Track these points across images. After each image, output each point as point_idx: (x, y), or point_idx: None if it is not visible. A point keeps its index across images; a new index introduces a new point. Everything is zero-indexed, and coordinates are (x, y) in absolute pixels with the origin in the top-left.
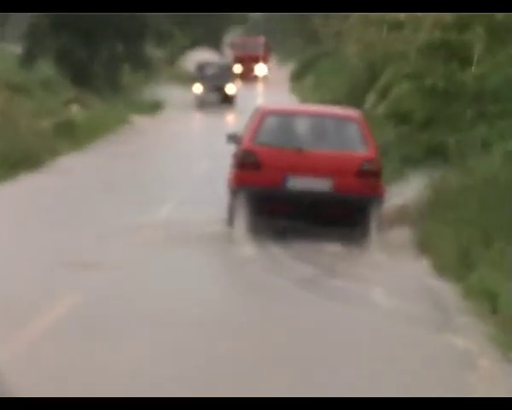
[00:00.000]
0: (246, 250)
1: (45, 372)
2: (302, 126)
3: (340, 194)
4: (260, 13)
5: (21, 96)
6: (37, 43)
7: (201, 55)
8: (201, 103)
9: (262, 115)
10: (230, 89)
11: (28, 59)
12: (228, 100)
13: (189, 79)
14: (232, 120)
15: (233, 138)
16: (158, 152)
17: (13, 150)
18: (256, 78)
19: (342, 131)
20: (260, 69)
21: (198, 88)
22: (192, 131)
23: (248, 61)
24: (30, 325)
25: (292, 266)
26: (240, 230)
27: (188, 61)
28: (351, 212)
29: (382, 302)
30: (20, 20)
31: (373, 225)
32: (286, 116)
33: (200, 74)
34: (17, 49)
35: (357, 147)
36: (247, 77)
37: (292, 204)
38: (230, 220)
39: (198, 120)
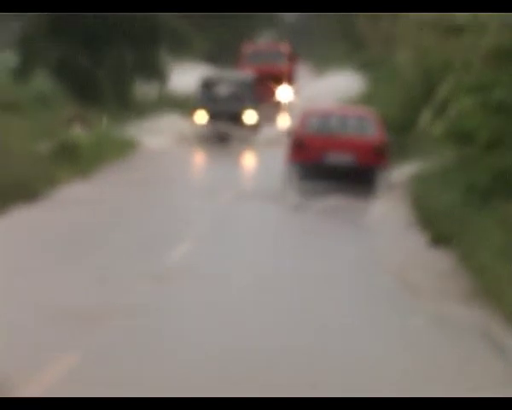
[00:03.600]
0: (296, 200)
1: None
2: (334, 118)
3: (359, 165)
4: (294, 14)
5: (14, 115)
6: (31, 52)
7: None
8: (205, 136)
9: (304, 115)
10: (250, 117)
11: (22, 71)
12: (247, 129)
13: (186, 103)
14: (247, 161)
15: (288, 133)
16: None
17: (3, 178)
18: (278, 105)
19: (361, 123)
20: (284, 92)
21: (202, 117)
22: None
23: (267, 79)
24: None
25: (320, 206)
26: (292, 190)
27: (180, 77)
28: (365, 176)
29: (372, 214)
30: (11, 24)
31: (379, 184)
32: (320, 115)
33: (207, 96)
34: (7, 58)
35: (370, 134)
36: (266, 102)
37: (328, 172)
38: (286, 186)
39: (198, 159)
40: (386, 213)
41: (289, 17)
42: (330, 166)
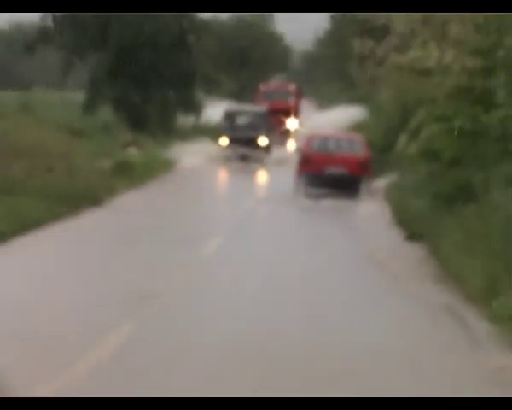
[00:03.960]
0: (303, 202)
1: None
2: (331, 141)
3: (350, 175)
4: (301, 61)
5: (83, 139)
6: (96, 92)
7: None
8: (228, 157)
9: (309, 138)
10: (263, 141)
11: (89, 105)
12: (261, 152)
13: (213, 132)
14: (262, 176)
15: (297, 150)
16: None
17: (76, 188)
18: (287, 132)
19: (351, 144)
20: (291, 122)
21: (225, 141)
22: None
23: (278, 113)
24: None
25: (321, 205)
26: (300, 194)
27: (211, 111)
28: (354, 183)
29: (361, 206)
30: (80, 70)
31: (364, 191)
32: (321, 138)
33: (229, 125)
34: (77, 96)
35: (358, 151)
36: (277, 130)
37: (326, 181)
38: (295, 191)
39: (224, 173)
40: (371, 211)
41: (296, 63)
42: (329, 176)
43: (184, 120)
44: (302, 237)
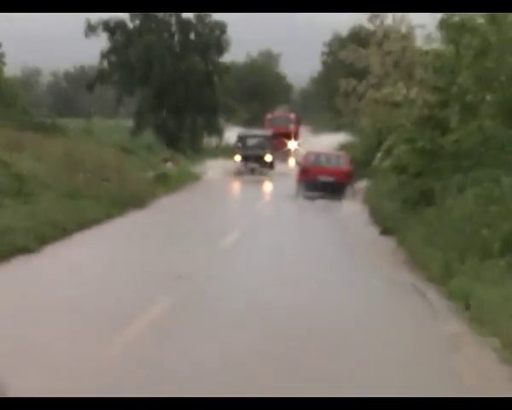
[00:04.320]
0: (301, 201)
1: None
2: (323, 157)
3: (336, 182)
4: (299, 95)
5: (132, 156)
6: (141, 119)
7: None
8: (240, 171)
9: (306, 154)
10: (269, 158)
11: (136, 130)
12: (267, 166)
13: (230, 151)
14: (268, 186)
15: (297, 164)
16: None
17: (125, 195)
18: (289, 151)
19: (338, 159)
20: (292, 144)
21: (238, 158)
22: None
23: (281, 136)
24: (141, 318)
25: (315, 202)
26: (300, 196)
27: (229, 134)
28: (340, 188)
29: (345, 207)
30: (129, 103)
31: (348, 193)
32: (315, 154)
33: (242, 145)
34: (127, 123)
35: (343, 164)
36: (281, 149)
37: (320, 187)
38: (296, 194)
39: (238, 184)
40: (353, 211)
41: (295, 97)
42: (321, 183)
43: (209, 142)
44: (300, 229)
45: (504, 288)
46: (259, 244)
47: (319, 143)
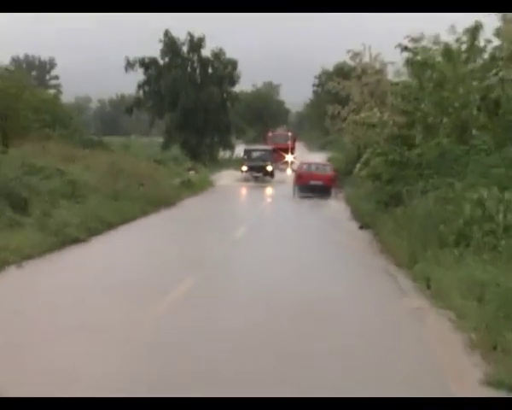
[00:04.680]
0: (296, 200)
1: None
2: (313, 166)
3: (325, 185)
4: (295, 117)
5: (161, 166)
6: (170, 137)
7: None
8: (247, 178)
9: (300, 164)
10: (270, 168)
11: (165, 145)
12: (268, 175)
13: (239, 162)
14: (269, 191)
15: (293, 170)
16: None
17: (157, 197)
18: (286, 163)
19: (324, 167)
20: (289, 157)
21: (244, 168)
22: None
23: (280, 150)
24: (171, 294)
25: (308, 201)
26: (296, 196)
27: (239, 149)
28: (327, 190)
29: (330, 203)
30: (159, 124)
31: (332, 194)
32: (307, 164)
33: (248, 157)
34: (158, 140)
35: (329, 172)
36: (280, 161)
37: (311, 189)
38: (293, 195)
39: (245, 189)
40: (337, 208)
41: (292, 119)
42: (311, 186)
43: (223, 155)
44: (295, 222)
45: (458, 271)
46: (264, 234)
47: (311, 156)
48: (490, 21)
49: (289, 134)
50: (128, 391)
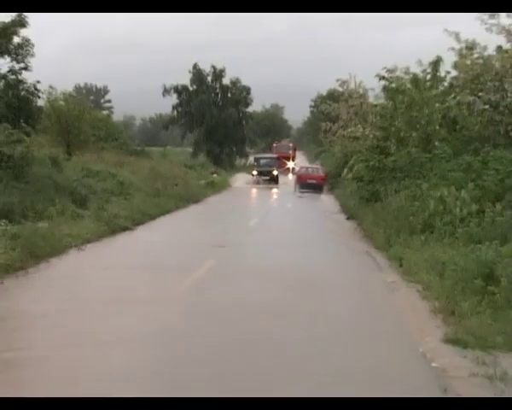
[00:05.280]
0: (298, 194)
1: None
2: (310, 169)
3: (318, 183)
4: (296, 132)
5: (191, 170)
6: (198, 148)
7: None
8: (256, 181)
9: (300, 168)
10: (275, 172)
11: (194, 154)
12: (274, 179)
13: (250, 168)
14: (275, 190)
15: (294, 172)
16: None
17: (187, 194)
18: (288, 169)
19: (317, 170)
20: (291, 164)
21: (254, 172)
22: (255, 193)
23: (283, 158)
24: (200, 269)
25: (306, 196)
26: (296, 192)
27: (251, 157)
28: (319, 187)
29: (324, 199)
30: (190, 138)
31: (324, 190)
32: (305, 168)
33: (257, 164)
34: (189, 149)
35: (321, 173)
36: (283, 167)
37: (308, 186)
38: (294, 192)
39: (256, 189)
40: (329, 202)
41: (294, 133)
42: (308, 184)
43: (239, 162)
44: (295, 215)
45: (424, 253)
46: (273, 223)
47: (307, 164)
48: (449, 56)
49: (290, 145)
50: (168, 346)
